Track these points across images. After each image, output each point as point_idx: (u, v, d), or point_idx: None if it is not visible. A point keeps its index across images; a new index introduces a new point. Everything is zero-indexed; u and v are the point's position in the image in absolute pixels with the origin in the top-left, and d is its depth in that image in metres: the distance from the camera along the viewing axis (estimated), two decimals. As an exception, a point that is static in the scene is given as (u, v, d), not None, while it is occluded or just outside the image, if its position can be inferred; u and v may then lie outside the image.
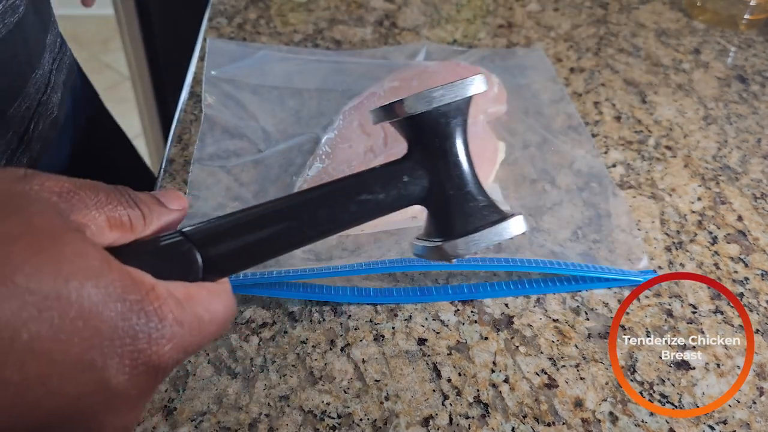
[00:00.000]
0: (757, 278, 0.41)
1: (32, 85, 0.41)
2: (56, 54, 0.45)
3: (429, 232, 0.28)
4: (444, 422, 0.33)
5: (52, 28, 0.45)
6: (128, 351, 0.20)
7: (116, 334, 0.19)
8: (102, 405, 0.20)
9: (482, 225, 0.26)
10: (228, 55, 0.56)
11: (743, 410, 0.34)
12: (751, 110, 0.56)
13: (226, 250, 0.25)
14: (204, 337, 0.23)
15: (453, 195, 0.27)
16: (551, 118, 0.52)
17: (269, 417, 0.33)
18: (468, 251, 0.26)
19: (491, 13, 0.68)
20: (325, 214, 0.26)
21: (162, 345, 0.20)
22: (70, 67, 0.48)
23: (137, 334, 0.20)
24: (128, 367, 0.20)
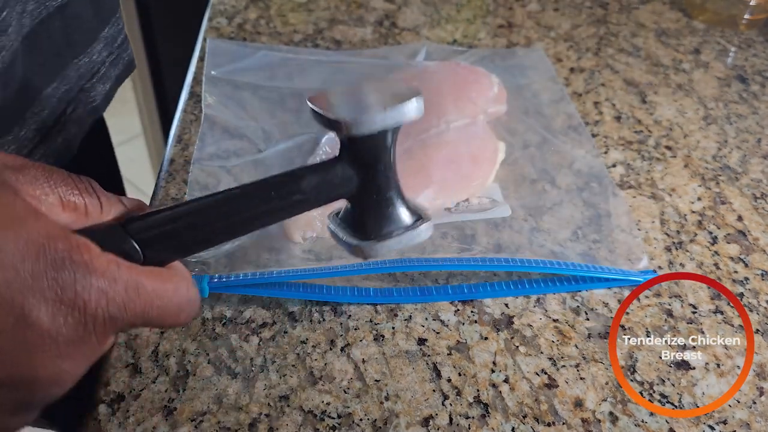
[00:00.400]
0: (757, 278, 0.41)
1: (74, 71, 0.42)
2: (114, 48, 0.47)
3: (346, 220, 0.32)
4: (444, 422, 0.33)
5: (115, 23, 0.47)
6: (51, 294, 0.21)
7: (38, 277, 0.21)
8: (27, 344, 0.21)
9: (396, 230, 0.30)
10: (228, 55, 0.56)
11: (743, 410, 0.34)
12: (751, 110, 0.56)
13: (160, 237, 0.27)
14: (149, 305, 0.24)
15: (375, 199, 0.30)
16: (551, 118, 0.52)
17: (269, 417, 0.33)
18: (380, 255, 0.30)
19: (491, 13, 0.68)
20: (257, 209, 0.28)
21: (89, 293, 0.22)
22: (129, 65, 0.51)
23: (62, 279, 0.21)
24: (51, 308, 0.21)
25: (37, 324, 0.21)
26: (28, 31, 0.37)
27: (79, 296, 0.21)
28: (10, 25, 0.34)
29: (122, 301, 0.23)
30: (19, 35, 0.36)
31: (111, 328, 0.23)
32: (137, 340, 0.36)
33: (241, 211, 0.28)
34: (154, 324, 0.25)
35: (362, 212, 0.31)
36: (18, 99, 0.37)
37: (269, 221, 0.29)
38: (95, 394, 0.34)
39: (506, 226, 0.43)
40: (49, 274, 0.21)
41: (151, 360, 0.35)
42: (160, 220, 0.27)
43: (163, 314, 0.25)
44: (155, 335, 0.36)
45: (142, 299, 0.24)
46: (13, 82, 0.36)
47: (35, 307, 0.21)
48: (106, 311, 0.22)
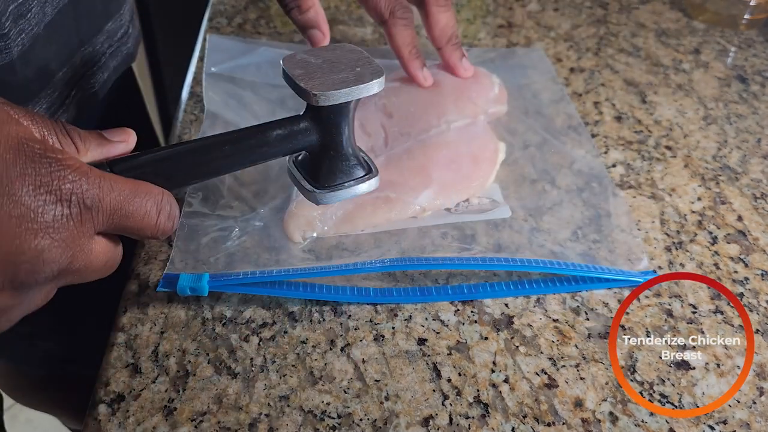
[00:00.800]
0: (757, 278, 0.41)
1: (79, 58, 0.45)
2: (114, 41, 0.50)
3: (304, 166, 0.37)
4: (444, 422, 0.33)
5: (118, 18, 0.50)
6: (30, 177, 0.24)
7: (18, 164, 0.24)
8: (12, 217, 0.24)
9: (347, 182, 0.36)
10: (228, 51, 0.56)
11: (743, 410, 0.34)
12: (751, 110, 0.56)
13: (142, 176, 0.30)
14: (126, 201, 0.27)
15: (332, 155, 0.36)
16: (551, 118, 0.52)
17: (269, 417, 0.33)
18: (329, 202, 0.37)
19: (491, 13, 0.68)
20: (231, 155, 0.33)
21: (64, 181, 0.25)
22: (127, 58, 0.54)
23: (39, 167, 0.24)
24: (31, 190, 0.24)
25: (21, 201, 0.24)
26: (50, 19, 0.40)
27: (55, 183, 0.25)
28: (30, 10, 0.38)
29: (97, 194, 0.26)
30: (41, 22, 0.39)
31: (88, 219, 0.26)
32: (137, 340, 0.36)
33: (217, 156, 0.33)
34: (134, 224, 0.28)
35: (319, 163, 0.36)
36: (35, 80, 0.40)
37: (240, 165, 0.35)
38: (95, 394, 0.34)
39: (506, 226, 0.43)
40: (28, 164, 0.24)
41: (151, 360, 0.35)
42: (142, 162, 0.31)
43: (142, 211, 0.28)
44: (155, 335, 0.36)
45: (116, 194, 0.27)
46: (31, 64, 0.39)
47: (18, 187, 0.24)
48: (81, 199, 0.25)
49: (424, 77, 0.48)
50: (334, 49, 0.37)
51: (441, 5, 0.48)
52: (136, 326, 0.37)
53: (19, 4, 0.36)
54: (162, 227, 0.30)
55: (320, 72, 0.34)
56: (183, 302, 0.38)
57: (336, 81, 0.34)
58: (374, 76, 0.34)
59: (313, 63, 0.35)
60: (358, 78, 0.34)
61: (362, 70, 0.35)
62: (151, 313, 0.38)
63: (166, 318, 0.37)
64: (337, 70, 0.35)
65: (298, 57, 0.36)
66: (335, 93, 0.33)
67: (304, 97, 0.34)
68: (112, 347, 0.36)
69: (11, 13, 0.36)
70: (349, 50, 0.37)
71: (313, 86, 0.33)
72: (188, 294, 0.37)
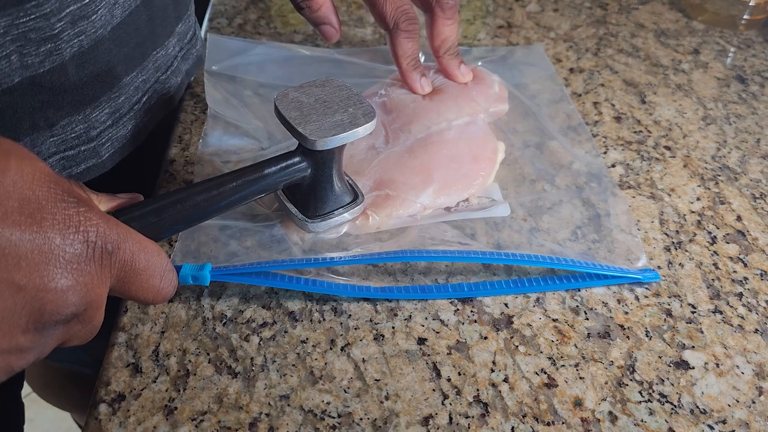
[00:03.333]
0: (756, 278, 0.41)
1: (151, 62, 0.44)
2: (185, 44, 0.50)
3: (295, 196, 0.40)
4: (444, 422, 0.33)
5: (187, 20, 0.49)
6: (60, 216, 0.24)
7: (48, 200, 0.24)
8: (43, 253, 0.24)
9: (336, 210, 0.40)
10: (228, 50, 0.56)
11: (742, 410, 0.34)
12: (751, 110, 0.56)
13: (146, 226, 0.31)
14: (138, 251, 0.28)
15: (324, 187, 0.39)
16: (551, 118, 0.52)
17: (269, 416, 0.33)
18: (322, 229, 0.40)
19: (491, 14, 0.68)
20: (230, 196, 0.35)
21: (90, 223, 0.25)
22: (198, 60, 0.53)
23: (68, 207, 0.25)
24: (60, 226, 0.24)
25: (49, 237, 0.24)
26: (118, 22, 0.39)
27: (82, 223, 0.25)
28: (96, 12, 0.37)
29: (116, 239, 0.26)
30: (108, 25, 0.38)
31: (107, 263, 0.26)
32: (138, 340, 0.36)
33: (218, 199, 0.35)
34: (139, 280, 0.28)
35: (310, 195, 0.39)
36: (95, 83, 0.40)
37: (240, 204, 0.37)
38: (96, 394, 0.34)
39: (506, 225, 0.43)
40: (58, 200, 0.24)
41: (152, 360, 0.35)
42: (146, 211, 0.32)
43: (148, 269, 0.28)
44: (156, 335, 0.37)
45: (130, 245, 0.27)
46: (90, 66, 0.38)
47: (48, 223, 0.24)
48: (104, 242, 0.26)
49: (421, 86, 0.49)
50: (324, 85, 0.39)
51: (448, 17, 0.48)
52: (137, 326, 0.37)
53: (83, 5, 0.35)
54: (164, 292, 0.30)
55: (315, 114, 0.36)
56: (183, 302, 0.38)
57: (331, 125, 0.36)
58: (367, 118, 0.36)
59: (306, 103, 0.37)
60: (353, 120, 0.36)
61: (355, 111, 0.37)
62: (151, 312, 0.38)
63: (166, 318, 0.37)
64: (330, 111, 0.37)
65: (290, 96, 0.37)
66: (332, 139, 0.35)
67: (301, 140, 0.36)
68: (113, 347, 0.36)
69: (70, 14, 0.35)
70: (338, 87, 0.38)
71: (311, 131, 0.35)
72: (190, 283, 0.37)
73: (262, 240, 0.41)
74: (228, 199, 0.35)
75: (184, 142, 0.50)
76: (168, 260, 0.30)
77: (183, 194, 0.34)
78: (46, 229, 0.24)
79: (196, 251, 0.40)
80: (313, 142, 0.35)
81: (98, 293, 0.26)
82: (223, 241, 0.41)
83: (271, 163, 0.36)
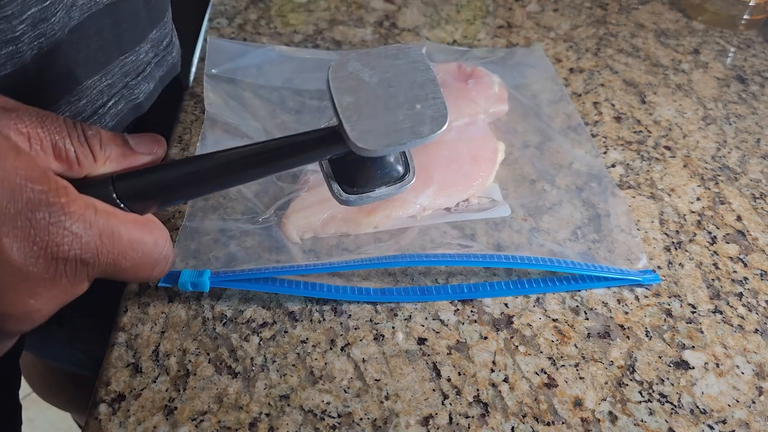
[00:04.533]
0: (756, 278, 0.41)
1: (118, 67, 0.43)
2: (160, 50, 0.48)
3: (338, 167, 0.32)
4: (444, 421, 0.33)
5: (162, 27, 0.48)
6: (23, 234, 0.21)
7: (12, 216, 0.21)
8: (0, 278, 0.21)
9: (382, 185, 0.32)
10: (228, 53, 0.56)
11: (742, 409, 0.34)
12: (750, 110, 0.56)
13: (147, 197, 0.27)
14: (122, 255, 0.24)
15: (370, 163, 0.31)
16: (551, 118, 0.52)
17: (269, 416, 0.33)
18: (364, 203, 0.32)
19: (491, 14, 0.68)
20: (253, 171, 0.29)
21: (62, 236, 0.22)
22: (173, 67, 0.52)
23: (36, 219, 0.21)
24: (23, 247, 0.21)
25: (10, 260, 0.21)
26: (76, 24, 0.37)
27: (52, 238, 0.22)
28: (55, 15, 0.35)
29: (95, 247, 0.23)
30: (66, 27, 0.36)
31: (82, 273, 0.23)
32: (138, 340, 0.36)
33: (243, 174, 0.29)
34: (126, 275, 0.25)
35: (352, 167, 0.32)
36: (54, 86, 0.38)
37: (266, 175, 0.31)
38: (96, 394, 0.34)
39: (506, 225, 0.43)
40: (24, 214, 0.21)
41: (152, 360, 0.35)
42: (152, 183, 0.27)
43: (136, 266, 0.25)
44: (156, 335, 0.37)
45: (116, 248, 0.24)
46: (50, 69, 0.37)
47: (8, 244, 0.21)
48: (78, 255, 0.23)
49: None
50: (396, 56, 0.30)
51: None
52: (137, 326, 0.37)
53: (44, 7, 0.34)
54: (155, 275, 0.27)
55: (372, 104, 0.28)
56: (183, 302, 0.38)
57: (387, 127, 0.28)
58: (434, 125, 0.28)
59: (367, 85, 0.29)
60: (415, 126, 0.28)
61: (423, 110, 0.28)
62: (151, 312, 0.38)
63: (166, 318, 0.37)
64: (393, 104, 0.28)
65: (350, 69, 0.29)
66: (382, 149, 0.28)
67: (344, 138, 0.28)
68: (113, 347, 0.36)
69: (31, 16, 0.34)
70: (413, 64, 0.29)
71: (359, 134, 0.27)
72: (189, 290, 0.37)
73: (262, 241, 0.41)
74: (252, 170, 0.29)
75: (184, 142, 0.50)
76: (164, 244, 0.26)
77: (199, 167, 0.28)
78: (3, 249, 0.21)
79: (196, 251, 0.40)
80: (358, 149, 0.28)
81: (72, 296, 0.24)
82: (222, 242, 0.41)
83: (311, 142, 0.30)
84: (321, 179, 0.44)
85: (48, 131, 0.24)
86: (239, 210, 0.43)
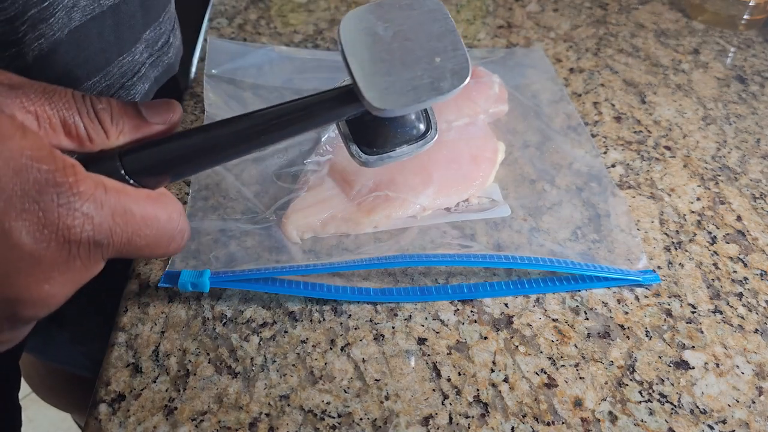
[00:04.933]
0: (756, 278, 0.41)
1: (117, 68, 0.42)
2: (155, 51, 0.48)
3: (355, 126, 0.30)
4: (444, 421, 0.33)
5: (156, 27, 0.47)
6: (33, 217, 0.20)
7: (20, 198, 0.20)
8: (11, 264, 0.20)
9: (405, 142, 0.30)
10: (228, 54, 0.56)
11: (742, 410, 0.34)
12: (750, 110, 0.56)
13: (156, 172, 0.26)
14: (136, 233, 0.23)
15: (390, 122, 0.29)
16: (551, 118, 0.52)
17: (269, 416, 0.33)
18: (377, 166, 0.30)
19: (491, 14, 0.68)
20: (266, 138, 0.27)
21: (72, 217, 0.21)
22: (169, 68, 0.51)
23: (45, 201, 0.20)
24: (34, 231, 0.20)
25: (20, 245, 0.20)
26: (77, 25, 0.37)
27: (62, 220, 0.21)
28: (54, 15, 0.34)
29: (108, 227, 0.22)
30: (66, 28, 0.36)
31: (97, 254, 0.22)
32: (138, 340, 0.36)
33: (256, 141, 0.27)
34: (142, 253, 0.24)
35: (371, 126, 0.30)
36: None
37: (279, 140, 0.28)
38: (96, 394, 0.34)
39: (506, 225, 0.43)
40: (32, 196, 0.20)
41: (152, 360, 0.35)
42: (159, 156, 0.26)
43: (151, 243, 0.24)
44: (156, 335, 0.37)
45: (130, 227, 0.23)
46: (50, 71, 0.36)
47: (17, 229, 0.20)
48: (91, 237, 0.22)
49: None
50: (411, 6, 0.27)
51: None
52: (137, 326, 0.37)
53: (42, 8, 0.34)
54: (172, 251, 0.26)
55: (388, 60, 0.26)
56: (183, 302, 0.38)
57: (404, 84, 0.26)
58: (455, 79, 0.26)
59: (381, 39, 0.27)
60: (435, 81, 0.26)
61: (443, 63, 0.26)
62: (151, 312, 0.38)
63: (166, 318, 0.37)
64: (410, 60, 0.26)
65: (363, 23, 0.27)
66: (400, 108, 0.26)
67: (360, 99, 0.26)
68: (113, 347, 0.36)
69: (31, 17, 0.33)
70: (431, 13, 0.27)
71: (375, 94, 0.26)
72: (189, 290, 0.37)
73: (262, 241, 0.41)
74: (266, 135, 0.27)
75: (184, 142, 0.50)
76: (178, 218, 0.25)
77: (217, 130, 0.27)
78: (13, 234, 0.20)
79: (196, 251, 0.40)
80: (375, 109, 0.26)
81: (88, 277, 0.23)
82: (222, 242, 0.41)
83: (324, 103, 0.28)
84: (321, 179, 0.44)
85: (56, 108, 0.23)
86: (239, 210, 0.43)
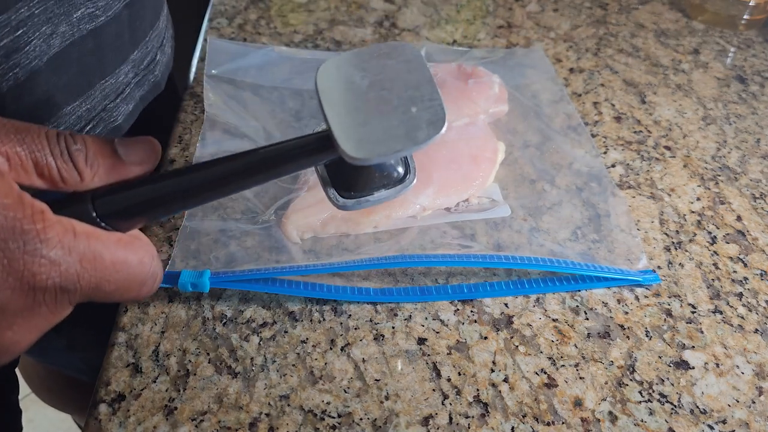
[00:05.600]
0: (756, 278, 0.41)
1: (99, 90, 0.41)
2: (140, 70, 0.46)
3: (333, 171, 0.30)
4: (444, 421, 0.33)
5: (144, 46, 0.46)
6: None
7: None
8: None
9: (380, 187, 0.30)
10: (228, 54, 0.56)
11: (742, 409, 0.34)
12: (750, 110, 0.56)
13: (128, 216, 0.25)
14: (105, 278, 0.23)
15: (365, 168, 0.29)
16: (551, 118, 0.52)
17: (269, 416, 0.33)
18: (354, 209, 0.30)
19: (491, 14, 0.68)
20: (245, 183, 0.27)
21: (38, 264, 0.21)
22: (155, 86, 0.49)
23: (10, 249, 0.20)
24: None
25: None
26: (56, 52, 0.36)
27: (28, 267, 0.20)
28: (29, 44, 0.33)
29: (75, 273, 0.22)
30: (45, 55, 0.35)
31: (63, 300, 0.22)
32: (138, 340, 0.36)
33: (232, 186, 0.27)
34: (111, 298, 0.24)
35: (348, 171, 0.29)
36: (32, 113, 0.36)
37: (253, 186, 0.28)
38: (96, 394, 0.34)
39: (506, 225, 0.43)
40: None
41: (152, 360, 0.35)
42: (132, 200, 0.25)
43: (121, 288, 0.23)
44: (156, 335, 0.37)
45: (98, 272, 0.22)
46: (27, 98, 0.35)
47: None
48: (58, 283, 0.21)
49: None
50: (389, 56, 0.27)
51: None
52: (137, 326, 0.37)
53: (15, 37, 0.32)
54: (143, 295, 0.25)
55: (364, 110, 0.26)
56: (183, 302, 0.38)
57: (380, 134, 0.25)
58: (431, 129, 0.25)
59: (357, 88, 0.26)
60: (410, 131, 0.25)
61: (419, 114, 0.26)
62: (151, 312, 0.38)
63: (166, 318, 0.37)
64: (386, 109, 0.26)
65: (339, 70, 0.27)
66: (375, 158, 0.25)
67: (335, 145, 0.26)
68: (113, 347, 0.36)
69: (3, 47, 0.32)
70: (408, 63, 0.27)
71: (350, 143, 0.25)
72: (189, 290, 0.37)
73: (262, 241, 0.41)
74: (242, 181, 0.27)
75: (184, 142, 0.50)
76: (150, 262, 0.25)
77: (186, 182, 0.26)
78: None
79: (196, 252, 0.40)
80: (350, 158, 0.25)
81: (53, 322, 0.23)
82: (222, 242, 0.41)
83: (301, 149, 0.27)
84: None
85: (28, 148, 0.23)
86: (239, 210, 0.43)
